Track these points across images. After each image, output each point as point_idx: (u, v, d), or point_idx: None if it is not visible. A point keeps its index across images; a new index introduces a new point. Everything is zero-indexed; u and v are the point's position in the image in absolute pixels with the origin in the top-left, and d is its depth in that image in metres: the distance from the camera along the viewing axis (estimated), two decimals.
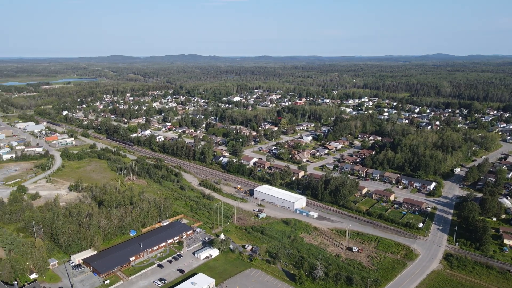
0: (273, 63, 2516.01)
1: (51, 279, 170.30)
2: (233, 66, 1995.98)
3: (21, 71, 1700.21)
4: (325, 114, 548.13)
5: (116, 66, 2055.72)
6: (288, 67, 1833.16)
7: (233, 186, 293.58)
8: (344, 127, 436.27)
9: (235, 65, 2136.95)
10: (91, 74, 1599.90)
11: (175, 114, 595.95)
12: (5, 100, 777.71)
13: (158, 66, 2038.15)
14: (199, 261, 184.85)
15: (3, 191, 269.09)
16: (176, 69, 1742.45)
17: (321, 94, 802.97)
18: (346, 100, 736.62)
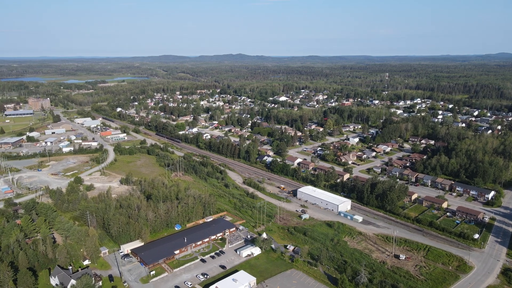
0: (320, 63, 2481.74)
1: (102, 266, 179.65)
2: (280, 66, 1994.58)
3: (80, 70, 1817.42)
4: (373, 115, 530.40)
5: (167, 65, 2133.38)
6: (336, 67, 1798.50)
7: (276, 186, 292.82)
8: (393, 129, 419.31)
9: (282, 65, 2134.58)
10: (143, 73, 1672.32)
11: (222, 112, 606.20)
12: (66, 96, 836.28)
13: (206, 66, 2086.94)
14: (241, 258, 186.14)
15: (62, 182, 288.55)
16: (224, 69, 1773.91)
17: (369, 95, 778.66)
18: (397, 102, 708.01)
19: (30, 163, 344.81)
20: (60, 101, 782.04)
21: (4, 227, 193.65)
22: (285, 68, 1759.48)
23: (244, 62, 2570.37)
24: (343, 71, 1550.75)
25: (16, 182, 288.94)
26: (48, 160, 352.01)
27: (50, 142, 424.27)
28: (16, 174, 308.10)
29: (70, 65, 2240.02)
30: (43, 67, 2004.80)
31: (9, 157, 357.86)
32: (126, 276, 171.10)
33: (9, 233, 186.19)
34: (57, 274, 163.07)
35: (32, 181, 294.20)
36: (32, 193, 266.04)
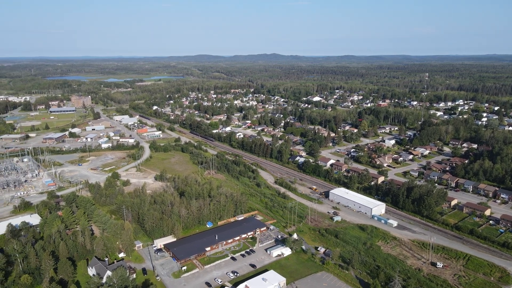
0: (356, 62, 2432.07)
1: (136, 259, 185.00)
2: (314, 66, 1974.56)
3: (120, 69, 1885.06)
4: (411, 117, 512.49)
5: (202, 65, 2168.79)
6: (372, 67, 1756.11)
7: (308, 187, 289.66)
8: (432, 131, 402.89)
9: (316, 65, 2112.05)
10: (179, 72, 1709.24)
11: (255, 112, 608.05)
12: (105, 95, 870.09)
13: (240, 65, 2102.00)
14: (271, 258, 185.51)
15: (100, 176, 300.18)
16: (258, 68, 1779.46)
17: (407, 95, 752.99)
18: (437, 103, 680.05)
19: (72, 157, 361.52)
20: (100, 99, 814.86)
21: (47, 218, 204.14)
22: (320, 68, 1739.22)
23: (278, 62, 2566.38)
24: (380, 71, 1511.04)
25: (59, 176, 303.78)
26: (88, 156, 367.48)
27: (90, 138, 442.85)
28: (58, 168, 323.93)
29: (110, 64, 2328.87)
30: (85, 66, 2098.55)
31: (52, 152, 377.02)
32: (159, 270, 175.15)
33: (51, 223, 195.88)
34: (94, 265, 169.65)
35: (73, 175, 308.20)
36: (73, 186, 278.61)
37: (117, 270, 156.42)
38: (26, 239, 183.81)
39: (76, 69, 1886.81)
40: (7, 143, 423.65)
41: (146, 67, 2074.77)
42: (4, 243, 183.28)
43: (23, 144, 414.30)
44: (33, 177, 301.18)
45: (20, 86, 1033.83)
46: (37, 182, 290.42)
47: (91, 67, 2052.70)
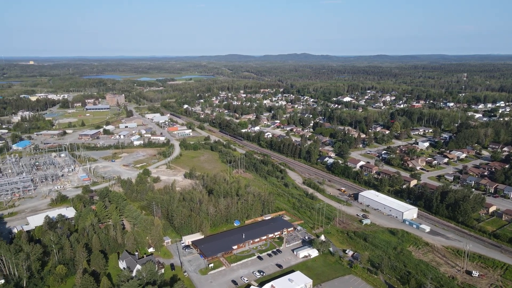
0: (389, 62, 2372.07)
1: (165, 255, 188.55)
2: (345, 66, 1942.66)
3: (152, 68, 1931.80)
4: (447, 119, 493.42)
5: (232, 64, 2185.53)
6: (406, 67, 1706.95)
7: (337, 188, 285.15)
8: (470, 134, 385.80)
9: (347, 65, 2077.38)
10: (209, 72, 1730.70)
11: (284, 112, 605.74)
12: (138, 93, 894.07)
13: (270, 65, 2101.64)
14: (298, 259, 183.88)
15: (132, 173, 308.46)
16: (288, 68, 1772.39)
17: (443, 96, 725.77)
18: (475, 104, 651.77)
19: (105, 154, 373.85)
20: (133, 97, 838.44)
21: (81, 211, 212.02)
22: (351, 68, 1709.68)
23: (308, 62, 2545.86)
24: (414, 71, 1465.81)
25: (93, 171, 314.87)
26: (121, 152, 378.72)
27: (123, 135, 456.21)
28: (93, 164, 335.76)
29: (143, 63, 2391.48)
30: (119, 65, 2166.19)
31: (88, 148, 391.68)
32: (186, 266, 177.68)
33: (85, 217, 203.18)
34: (125, 259, 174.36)
35: (106, 170, 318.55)
36: (106, 181, 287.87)
37: (146, 265, 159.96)
38: (62, 231, 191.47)
39: (111, 68, 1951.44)
40: (46, 139, 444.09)
41: (178, 66, 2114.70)
42: (41, 234, 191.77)
43: (60, 140, 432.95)
44: (69, 172, 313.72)
45: (59, 85, 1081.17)
46: (73, 177, 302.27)
47: (125, 66, 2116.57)
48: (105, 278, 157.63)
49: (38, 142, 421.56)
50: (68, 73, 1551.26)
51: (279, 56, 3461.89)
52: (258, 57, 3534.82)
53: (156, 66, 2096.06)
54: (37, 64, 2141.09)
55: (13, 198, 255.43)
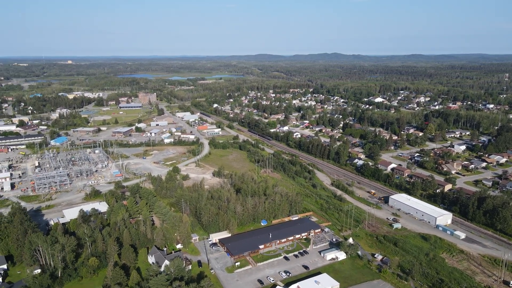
0: (424, 62, 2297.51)
1: (192, 251, 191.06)
2: (378, 66, 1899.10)
3: (183, 68, 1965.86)
4: (486, 121, 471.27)
5: (262, 64, 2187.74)
6: (442, 67, 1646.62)
7: (366, 190, 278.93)
8: (511, 138, 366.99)
9: (379, 64, 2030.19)
10: (239, 71, 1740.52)
11: (313, 112, 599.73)
12: (169, 92, 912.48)
13: (300, 65, 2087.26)
14: (325, 261, 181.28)
15: (162, 170, 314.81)
16: (318, 68, 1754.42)
17: (483, 98, 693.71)
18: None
19: (137, 151, 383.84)
20: (165, 96, 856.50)
21: (113, 206, 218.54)
22: (383, 68, 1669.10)
23: (339, 62, 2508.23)
24: (451, 71, 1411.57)
25: (125, 168, 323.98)
26: (152, 150, 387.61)
27: (154, 133, 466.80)
28: (125, 160, 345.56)
29: (174, 63, 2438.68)
30: (152, 65, 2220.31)
31: (120, 145, 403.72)
32: (213, 264, 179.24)
33: (117, 212, 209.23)
34: (154, 254, 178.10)
35: (137, 167, 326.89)
36: (137, 178, 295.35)
37: (174, 260, 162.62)
38: (95, 225, 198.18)
39: (144, 67, 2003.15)
40: (82, 136, 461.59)
41: (208, 66, 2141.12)
42: (76, 227, 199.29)
43: (95, 137, 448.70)
44: (103, 168, 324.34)
45: (95, 83, 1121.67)
46: (106, 173, 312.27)
47: (157, 65, 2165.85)
48: (134, 271, 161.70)
49: (74, 139, 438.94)
50: (103, 72, 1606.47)
51: (309, 56, 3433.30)
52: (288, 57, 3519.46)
53: (187, 66, 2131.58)
54: (74, 64, 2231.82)
55: (50, 192, 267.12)
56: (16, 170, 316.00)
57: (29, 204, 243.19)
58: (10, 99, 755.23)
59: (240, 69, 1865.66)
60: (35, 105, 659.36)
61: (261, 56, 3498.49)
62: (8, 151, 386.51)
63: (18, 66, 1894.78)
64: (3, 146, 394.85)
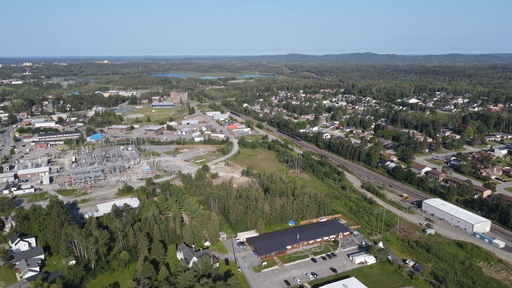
0: (463, 62, 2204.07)
1: (220, 249, 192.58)
2: (413, 65, 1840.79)
3: (214, 67, 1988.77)
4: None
5: (292, 64, 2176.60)
6: (483, 67, 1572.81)
7: (398, 194, 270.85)
8: None
9: (415, 64, 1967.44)
10: (270, 71, 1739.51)
11: (344, 113, 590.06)
12: (200, 91, 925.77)
13: (331, 65, 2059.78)
14: (353, 264, 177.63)
15: (192, 168, 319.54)
16: (350, 68, 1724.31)
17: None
18: None
19: (168, 149, 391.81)
20: (196, 95, 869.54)
21: (144, 202, 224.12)
22: (419, 68, 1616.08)
23: (372, 61, 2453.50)
24: (493, 71, 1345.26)
25: (156, 165, 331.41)
26: (182, 148, 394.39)
27: (185, 131, 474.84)
28: (156, 158, 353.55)
29: (206, 62, 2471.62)
30: (184, 64, 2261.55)
31: (152, 142, 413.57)
32: (240, 263, 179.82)
33: (148, 208, 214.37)
34: (183, 250, 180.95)
35: (168, 165, 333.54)
36: (168, 175, 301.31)
37: (202, 257, 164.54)
38: (126, 220, 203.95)
39: (176, 67, 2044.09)
40: (116, 133, 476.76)
41: (239, 65, 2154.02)
42: (109, 221, 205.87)
43: (128, 134, 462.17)
44: (135, 164, 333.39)
45: (129, 82, 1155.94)
46: (138, 169, 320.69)
47: (189, 65, 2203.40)
48: (163, 267, 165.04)
49: (109, 136, 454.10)
50: (137, 71, 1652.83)
51: (340, 56, 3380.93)
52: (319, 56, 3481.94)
53: (218, 65, 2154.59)
54: (110, 63, 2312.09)
55: (85, 186, 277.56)
56: (54, 165, 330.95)
57: (66, 198, 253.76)
58: (50, 97, 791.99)
59: (271, 69, 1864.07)
60: (73, 103, 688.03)
61: (291, 56, 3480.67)
62: (47, 147, 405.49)
63: (58, 66, 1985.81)
64: (43, 142, 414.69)
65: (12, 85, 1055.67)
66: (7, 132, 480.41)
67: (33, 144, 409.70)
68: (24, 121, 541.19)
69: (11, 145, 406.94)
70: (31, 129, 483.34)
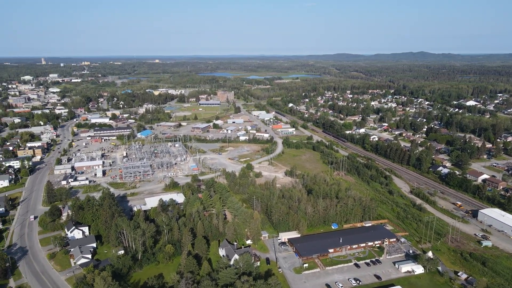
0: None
1: (261, 248, 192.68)
2: (472, 65, 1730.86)
3: (261, 67, 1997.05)
4: None
5: (340, 64, 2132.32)
6: None
7: (451, 202, 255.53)
8: None
9: (474, 64, 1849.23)
10: (316, 71, 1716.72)
11: (394, 114, 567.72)
12: (246, 91, 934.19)
13: (381, 65, 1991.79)
14: (399, 273, 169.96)
15: (236, 166, 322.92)
16: (401, 68, 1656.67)
17: None
18: None
19: (213, 146, 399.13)
20: (242, 95, 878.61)
21: (189, 198, 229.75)
22: (478, 68, 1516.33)
23: (425, 61, 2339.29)
24: None
25: (202, 162, 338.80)
26: (227, 146, 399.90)
27: (230, 130, 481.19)
28: (202, 155, 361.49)
29: (253, 62, 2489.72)
30: (231, 64, 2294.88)
31: (198, 140, 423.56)
32: (281, 263, 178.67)
33: (193, 204, 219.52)
34: (225, 247, 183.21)
35: (213, 162, 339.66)
36: (213, 173, 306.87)
37: (243, 255, 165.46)
38: (172, 214, 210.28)
39: (224, 66, 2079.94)
40: (164, 130, 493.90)
41: (285, 65, 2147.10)
42: (155, 215, 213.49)
43: (176, 132, 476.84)
44: (182, 161, 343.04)
45: (178, 81, 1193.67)
46: (184, 166, 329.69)
47: (236, 64, 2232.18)
48: (206, 262, 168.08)
49: (158, 132, 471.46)
50: (186, 70, 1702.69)
51: (392, 55, 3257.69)
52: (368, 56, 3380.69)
53: (265, 65, 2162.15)
54: (161, 62, 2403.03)
55: (135, 180, 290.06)
56: (107, 159, 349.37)
57: (117, 191, 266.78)
58: (105, 94, 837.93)
59: (317, 68, 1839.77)
60: (126, 100, 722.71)
61: (339, 55, 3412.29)
62: (101, 141, 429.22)
63: (113, 65, 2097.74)
64: (98, 137, 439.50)
65: (72, 83, 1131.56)
66: (66, 127, 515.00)
67: (89, 139, 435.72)
68: (81, 117, 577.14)
69: (69, 139, 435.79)
70: (87, 124, 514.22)
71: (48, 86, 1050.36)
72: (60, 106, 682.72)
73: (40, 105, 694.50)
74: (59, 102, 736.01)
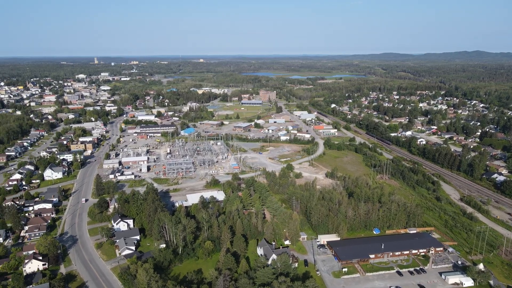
0: None
1: (299, 250, 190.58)
2: None
3: (304, 67, 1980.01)
4: None
5: (387, 64, 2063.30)
6: None
7: (506, 212, 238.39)
8: None
9: None
10: (361, 71, 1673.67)
11: (444, 117, 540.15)
12: (288, 91, 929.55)
13: (432, 64, 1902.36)
14: (445, 284, 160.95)
15: (276, 166, 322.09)
16: (453, 68, 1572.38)
17: None
18: None
19: (254, 146, 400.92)
20: (284, 94, 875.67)
21: (229, 196, 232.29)
22: None
23: (481, 61, 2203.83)
24: None
25: (242, 161, 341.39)
26: (268, 146, 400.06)
27: (272, 130, 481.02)
28: (243, 154, 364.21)
29: (295, 62, 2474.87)
30: (273, 63, 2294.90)
31: (240, 139, 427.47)
32: (319, 266, 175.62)
33: (233, 202, 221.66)
34: (263, 246, 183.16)
35: (253, 161, 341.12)
36: (253, 172, 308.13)
37: (282, 256, 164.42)
38: (212, 211, 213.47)
39: (266, 66, 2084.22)
40: (207, 128, 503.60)
41: (329, 65, 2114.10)
42: (196, 212, 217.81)
43: (218, 130, 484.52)
44: (223, 159, 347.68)
45: (221, 80, 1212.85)
46: (225, 164, 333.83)
47: (279, 64, 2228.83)
48: (244, 260, 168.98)
49: (200, 130, 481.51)
50: (229, 70, 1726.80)
51: (443, 55, 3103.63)
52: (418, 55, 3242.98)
53: (308, 65, 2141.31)
54: (205, 62, 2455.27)
55: (177, 177, 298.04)
56: (152, 155, 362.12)
57: (160, 186, 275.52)
58: (152, 93, 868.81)
59: (362, 68, 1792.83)
60: (171, 99, 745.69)
61: (386, 55, 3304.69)
62: (147, 138, 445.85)
63: (159, 64, 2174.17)
64: (143, 133, 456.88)
65: (121, 81, 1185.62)
66: (115, 123, 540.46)
67: (135, 135, 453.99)
68: (129, 114, 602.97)
69: (117, 135, 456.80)
70: (134, 121, 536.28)
71: (100, 84, 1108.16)
72: (110, 103, 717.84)
73: (92, 102, 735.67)
74: (109, 100, 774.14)
